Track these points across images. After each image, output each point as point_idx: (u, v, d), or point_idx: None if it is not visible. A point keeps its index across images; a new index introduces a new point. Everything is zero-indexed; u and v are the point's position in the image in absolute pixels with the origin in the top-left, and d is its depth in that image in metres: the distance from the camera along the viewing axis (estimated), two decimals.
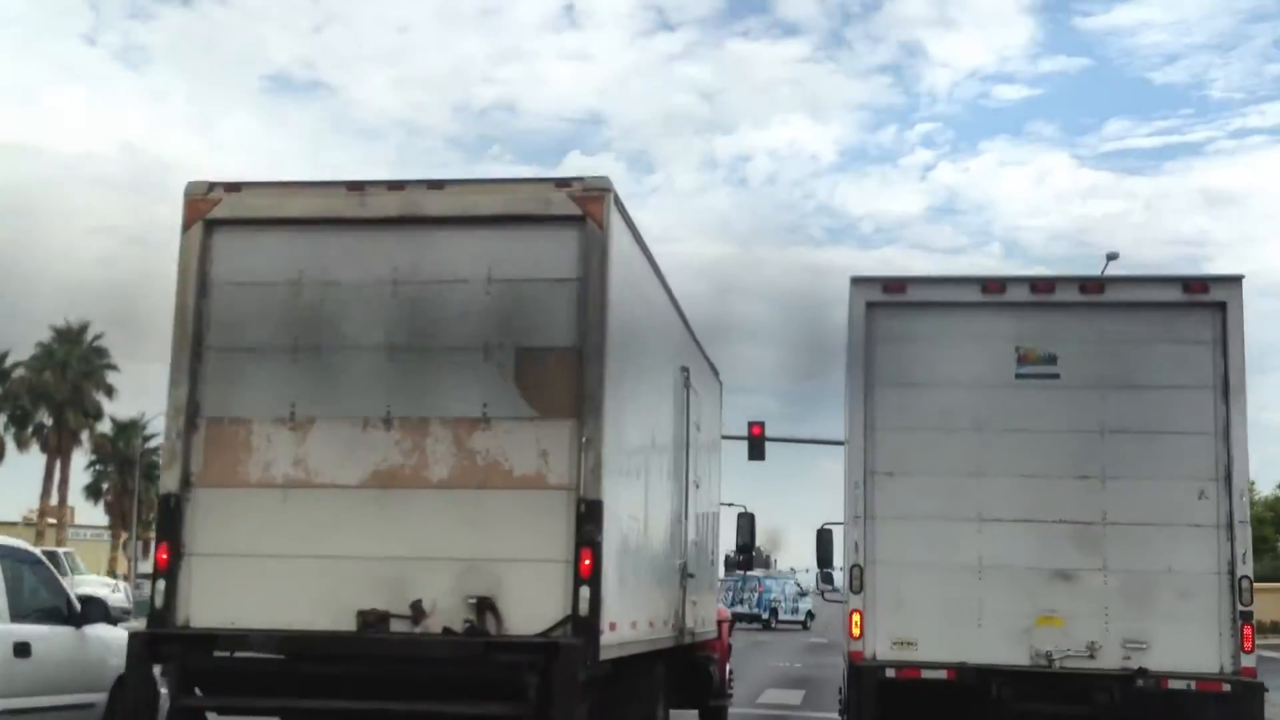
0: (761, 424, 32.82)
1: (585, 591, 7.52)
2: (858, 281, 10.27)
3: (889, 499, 9.88)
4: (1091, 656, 9.53)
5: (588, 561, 7.53)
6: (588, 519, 7.58)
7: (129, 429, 62.05)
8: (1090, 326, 9.97)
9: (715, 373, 14.76)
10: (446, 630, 7.61)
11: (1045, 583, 9.63)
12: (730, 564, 17.84)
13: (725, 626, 15.28)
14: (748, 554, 16.83)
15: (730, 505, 16.88)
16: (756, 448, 32.68)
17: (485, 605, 7.61)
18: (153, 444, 58.26)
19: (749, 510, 16.54)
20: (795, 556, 68.18)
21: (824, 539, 12.34)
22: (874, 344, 10.13)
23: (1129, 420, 9.79)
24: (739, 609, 54.97)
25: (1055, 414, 9.83)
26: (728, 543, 17.13)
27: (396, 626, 7.66)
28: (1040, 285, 10.10)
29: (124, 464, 61.57)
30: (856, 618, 9.77)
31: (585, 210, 7.93)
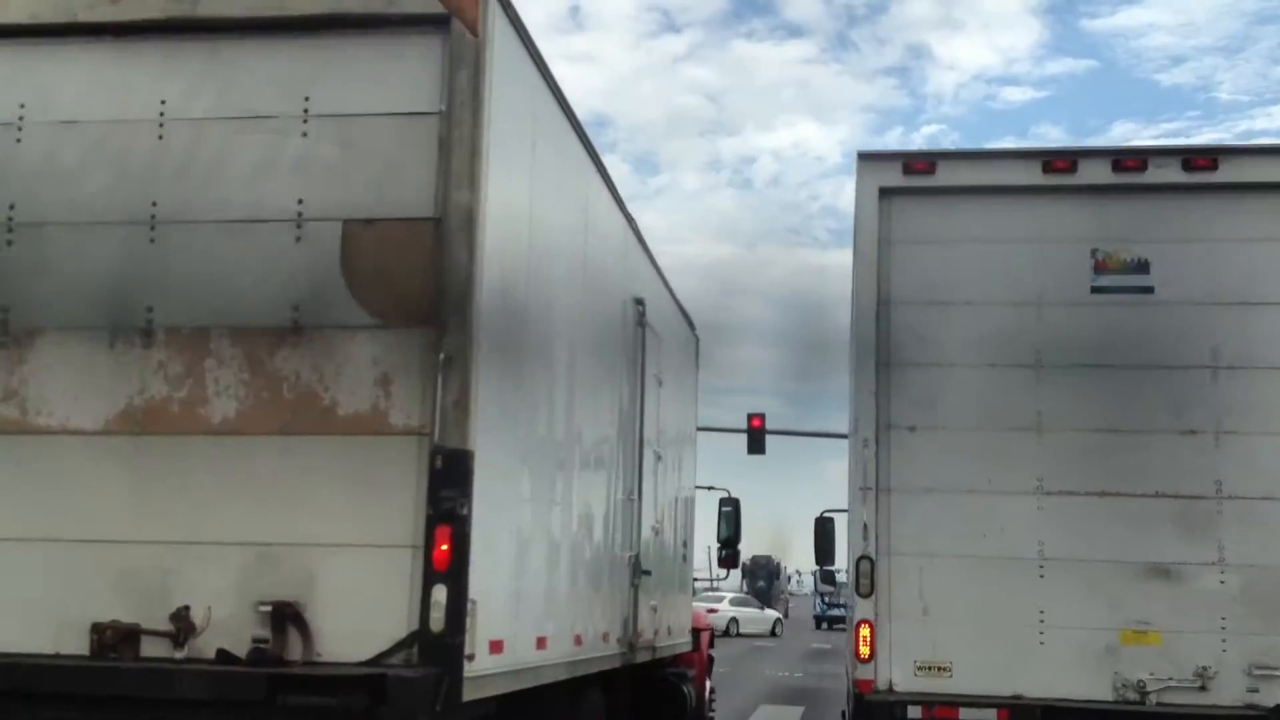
0: (761, 415, 31.81)
1: (441, 593, 5.27)
2: (868, 159, 7.90)
3: (911, 464, 7.62)
4: (1203, 688, 7.19)
5: (445, 546, 5.28)
6: (447, 479, 5.34)
7: None
8: (1198, 219, 7.65)
9: (689, 323, 12.79)
10: (223, 654, 5.37)
11: (1135, 582, 7.39)
12: (729, 565, 15.44)
13: (705, 636, 13.56)
14: (733, 549, 14.65)
15: (711, 489, 15.06)
16: (756, 440, 31.39)
17: (286, 615, 5.38)
18: None
19: (733, 495, 14.66)
20: (807, 563, 66.72)
21: (823, 530, 10.39)
22: (891, 247, 7.80)
23: (1253, 351, 7.52)
24: (837, 613, 53.12)
25: (1148, 343, 7.57)
26: (706, 535, 15.08)
27: (150, 649, 5.47)
28: (1127, 161, 7.68)
29: None
30: (865, 632, 7.47)
31: (450, 7, 5.61)
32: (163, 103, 5.83)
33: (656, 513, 10.34)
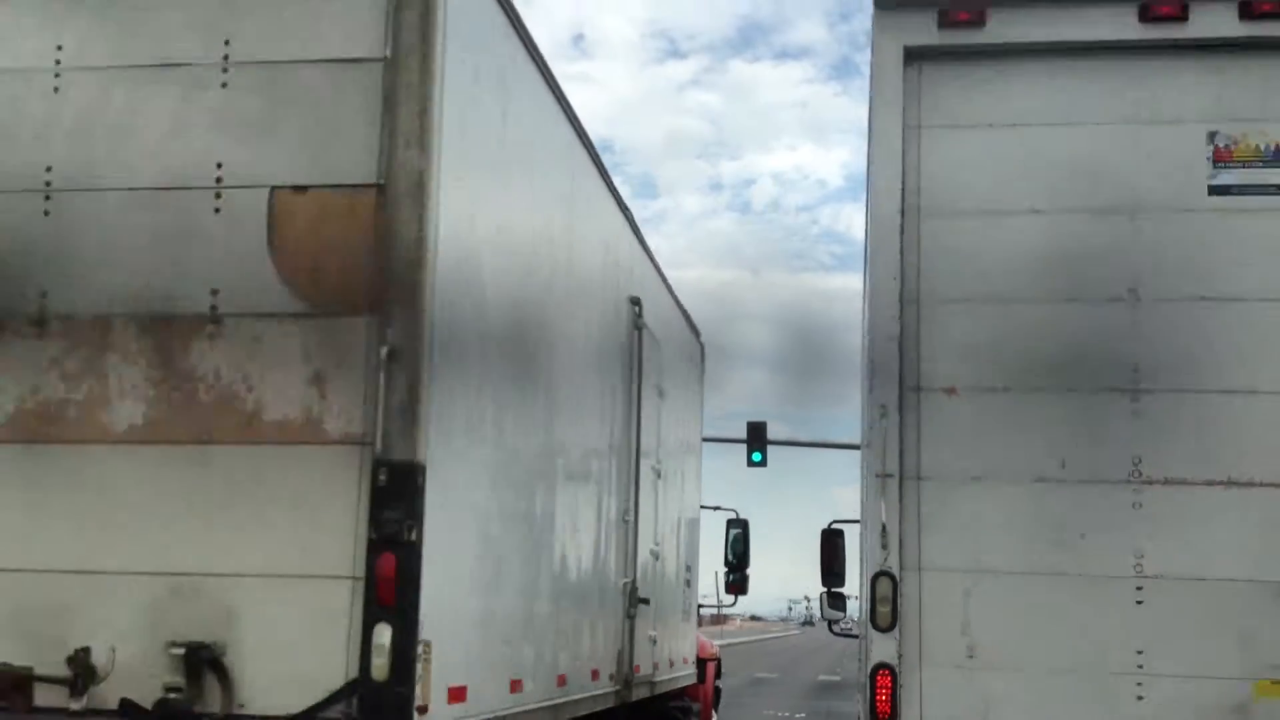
0: (762, 423, 31.98)
1: (385, 633, 5.01)
2: (888, 7, 6.71)
3: (950, 441, 6.40)
4: None
5: (390, 577, 5.08)
6: (393, 498, 5.09)
7: None
8: None
9: (694, 330, 13.21)
10: (127, 705, 5.22)
11: (1277, 611, 6.04)
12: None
13: (711, 667, 14.30)
14: (741, 573, 14.92)
15: (717, 509, 15.21)
16: (756, 450, 31.65)
17: (202, 660, 5.20)
18: None
19: (741, 516, 15.13)
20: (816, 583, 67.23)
21: (831, 545, 9.48)
22: (920, 134, 6.60)
23: None
24: None
25: None
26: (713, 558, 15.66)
27: (45, 698, 5.31)
28: (1260, 3, 6.38)
29: None
30: (885, 681, 6.18)
31: None
32: (58, 49, 5.67)
33: (656, 534, 10.66)
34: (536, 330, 7.12)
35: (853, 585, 9.82)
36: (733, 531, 14.86)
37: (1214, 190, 6.36)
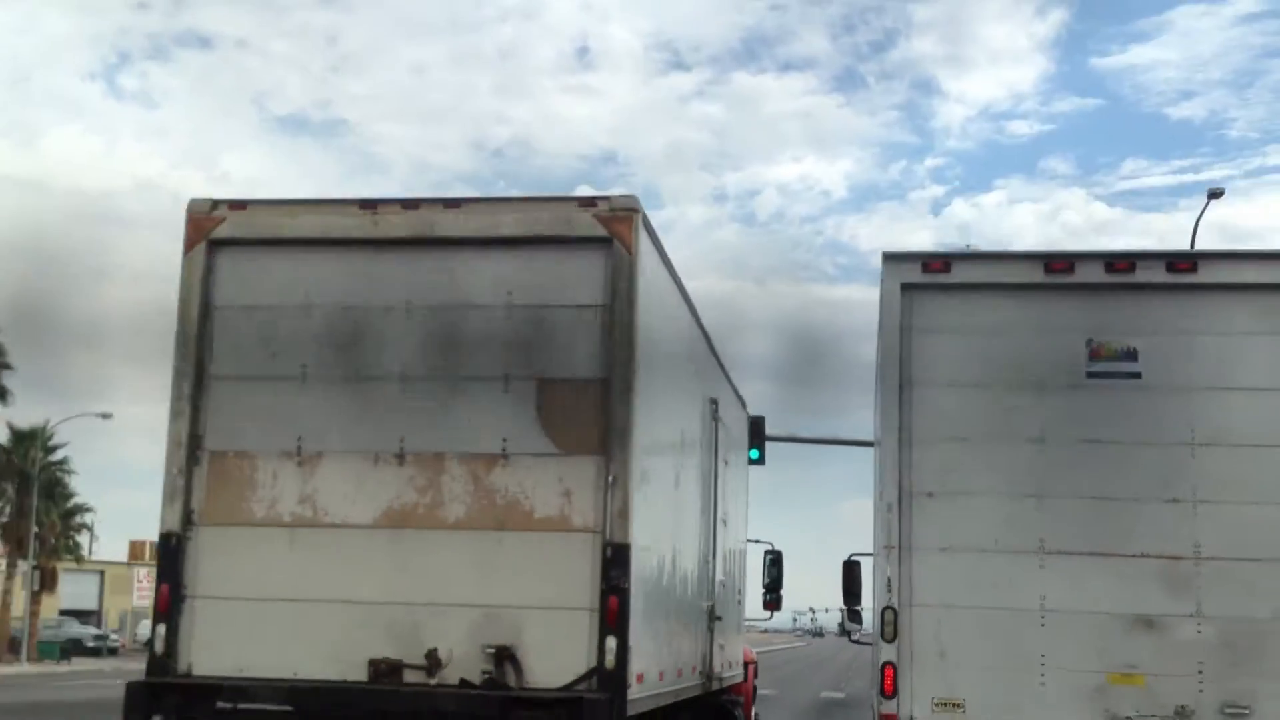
0: (760, 418, 29.16)
1: (611, 642, 8.11)
2: (891, 259, 9.81)
3: (930, 526, 9.35)
4: None
5: (614, 610, 8.15)
6: (614, 564, 8.23)
7: (29, 439, 56.41)
8: (1181, 314, 9.40)
9: (742, 402, 16.37)
10: (463, 682, 8.25)
11: (1123, 631, 9.03)
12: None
13: (751, 669, 16.74)
14: (775, 593, 17.82)
15: (757, 542, 18.02)
16: (754, 446, 29.32)
17: (504, 655, 8.21)
18: (57, 455, 57.28)
19: (776, 548, 17.90)
20: (820, 595, 66.72)
21: (851, 572, 12.04)
22: (911, 335, 9.60)
23: (1229, 430, 9.19)
24: None
25: (1136, 422, 9.24)
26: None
27: (410, 677, 8.36)
28: (1118, 263, 9.53)
29: (23, 479, 55.73)
30: (889, 672, 9.23)
31: (612, 232, 8.56)
32: (409, 293, 8.84)
33: (724, 567, 13.52)
34: (676, 447, 10.28)
35: (865, 601, 12.43)
36: (768, 558, 17.76)
37: (1090, 375, 9.30)
